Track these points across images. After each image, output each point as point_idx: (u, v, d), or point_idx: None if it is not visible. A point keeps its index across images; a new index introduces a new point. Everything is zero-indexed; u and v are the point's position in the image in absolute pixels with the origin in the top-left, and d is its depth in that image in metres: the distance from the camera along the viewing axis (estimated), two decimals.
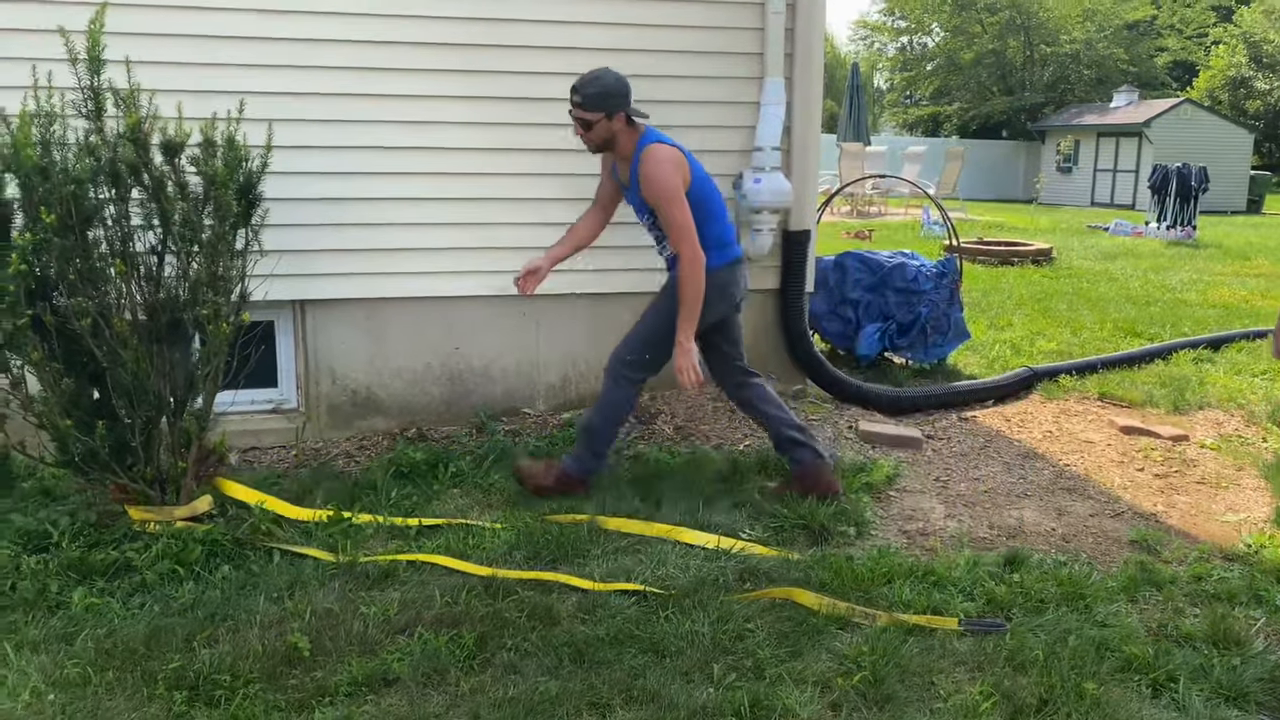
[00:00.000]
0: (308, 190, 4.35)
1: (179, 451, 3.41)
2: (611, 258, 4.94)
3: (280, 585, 3.14)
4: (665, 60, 4.83)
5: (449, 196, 4.67)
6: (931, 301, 5.84)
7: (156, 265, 3.33)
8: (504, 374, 4.97)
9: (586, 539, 3.54)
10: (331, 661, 2.73)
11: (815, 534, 3.65)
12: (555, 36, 4.68)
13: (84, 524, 3.35)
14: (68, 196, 3.02)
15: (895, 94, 42.75)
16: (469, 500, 3.98)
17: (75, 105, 3.13)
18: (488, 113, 4.66)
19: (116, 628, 2.85)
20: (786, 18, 4.85)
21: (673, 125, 4.84)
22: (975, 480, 4.36)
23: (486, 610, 3.00)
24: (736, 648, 2.83)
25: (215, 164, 3.25)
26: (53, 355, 3.13)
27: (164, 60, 3.95)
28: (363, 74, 4.45)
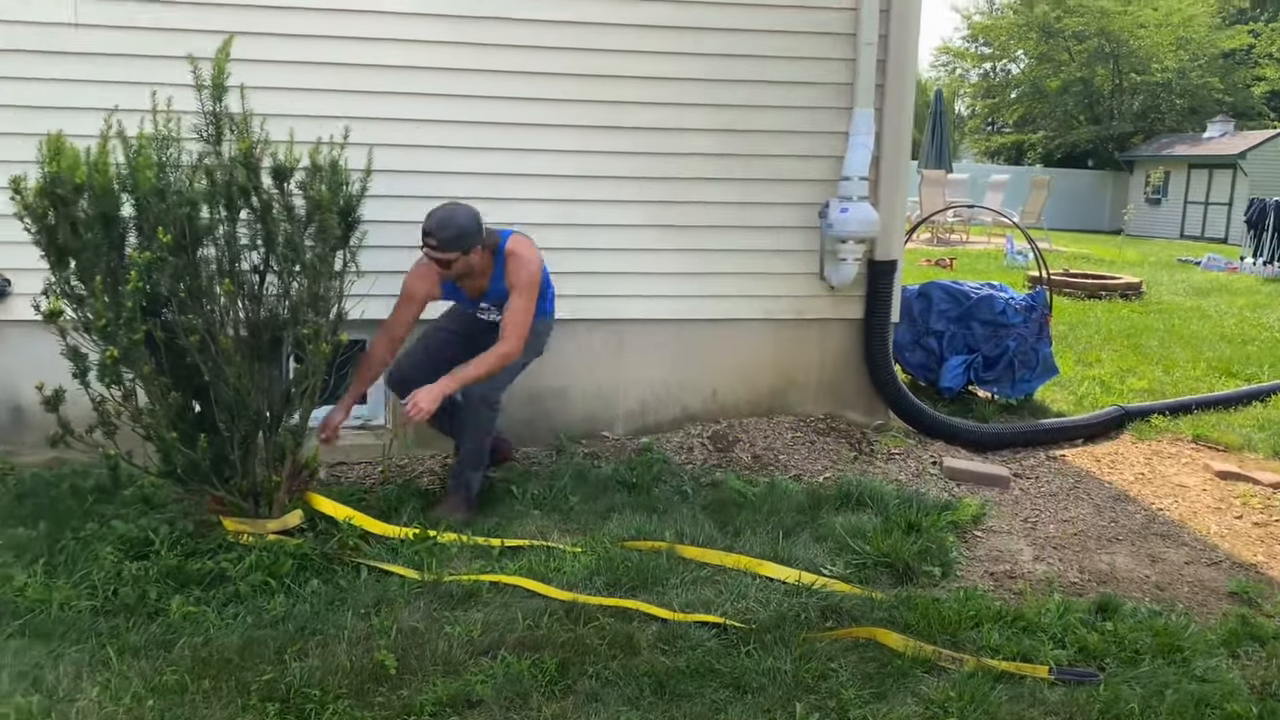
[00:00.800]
0: (403, 214, 4.43)
1: (273, 465, 3.50)
2: (691, 284, 4.97)
3: (367, 601, 3.19)
4: (756, 90, 4.86)
5: (539, 221, 4.73)
6: (1020, 335, 5.73)
7: (259, 284, 3.44)
8: (584, 397, 5.01)
9: (665, 568, 3.53)
10: (417, 680, 2.77)
11: (899, 573, 3.59)
12: (648, 67, 4.76)
13: (182, 533, 3.45)
14: (182, 217, 3.14)
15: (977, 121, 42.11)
16: (548, 522, 4.00)
17: (196, 130, 3.26)
18: (579, 140, 4.74)
19: (212, 637, 2.93)
20: (878, 49, 4.84)
21: (761, 154, 4.91)
22: (1065, 522, 4.25)
23: (568, 636, 3.01)
24: (819, 687, 2.80)
25: (320, 188, 3.35)
26: (161, 370, 3.24)
27: (277, 86, 4.10)
28: (459, 101, 4.57)
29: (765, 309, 5.08)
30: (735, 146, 4.89)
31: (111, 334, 3.07)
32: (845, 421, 5.20)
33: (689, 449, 4.88)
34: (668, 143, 4.83)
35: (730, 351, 5.12)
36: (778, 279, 5.07)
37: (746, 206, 4.98)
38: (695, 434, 5.03)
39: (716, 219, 4.97)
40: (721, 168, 4.92)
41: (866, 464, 4.79)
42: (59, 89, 4.19)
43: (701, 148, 4.87)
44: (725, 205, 4.97)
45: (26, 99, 4.19)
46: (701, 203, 4.93)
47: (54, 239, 3.16)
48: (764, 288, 5.06)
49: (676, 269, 4.97)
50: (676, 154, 4.86)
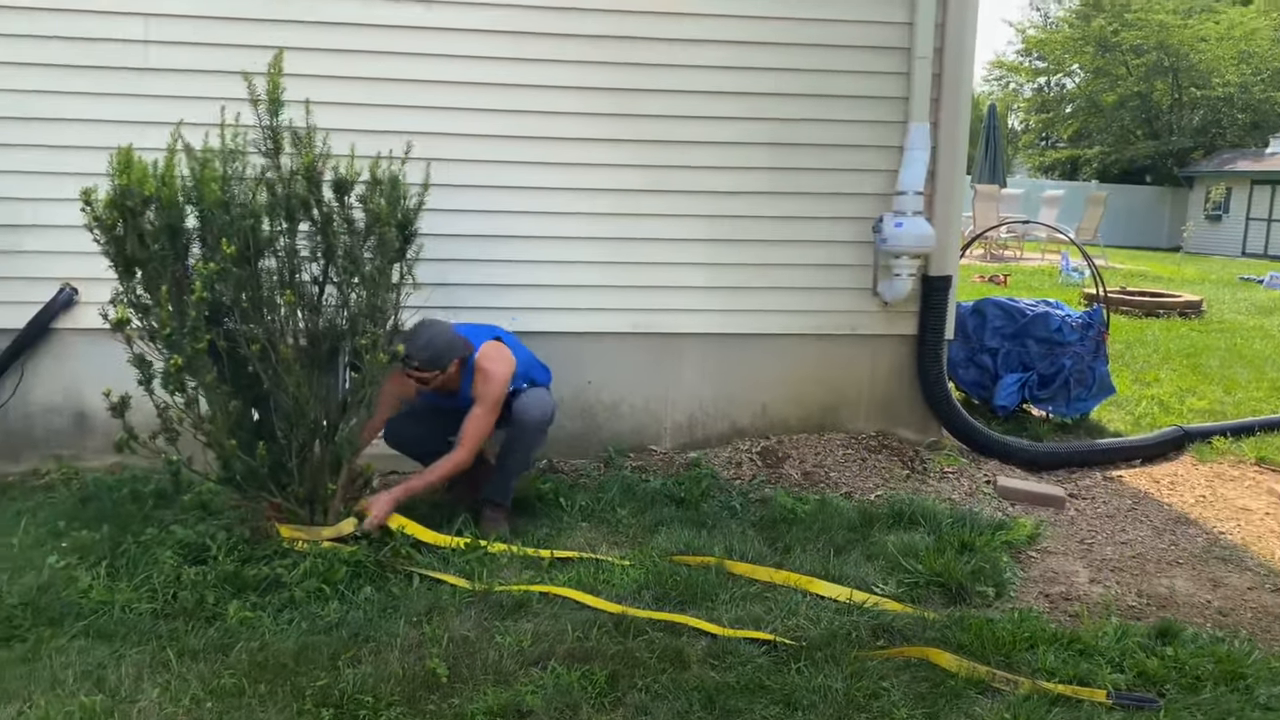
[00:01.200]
0: (457, 227, 4.51)
1: (329, 473, 3.55)
2: (742, 298, 4.97)
3: (419, 609, 3.22)
4: (810, 105, 4.86)
5: (590, 236, 4.79)
6: (1076, 353, 5.64)
7: (319, 295, 3.50)
8: (633, 411, 5.02)
9: (715, 583, 3.52)
10: (468, 689, 2.78)
11: (952, 593, 3.54)
12: (702, 81, 4.78)
13: (239, 539, 3.52)
14: (246, 229, 3.21)
15: (1031, 135, 41.60)
16: (597, 534, 4.01)
17: (255, 144, 3.33)
18: (633, 155, 4.77)
19: (268, 641, 2.97)
20: (933, 63, 4.81)
21: (814, 168, 4.90)
22: (1122, 544, 4.17)
23: (617, 648, 3.01)
24: (871, 706, 2.77)
25: (379, 201, 3.41)
26: (222, 378, 3.31)
27: (338, 101, 4.19)
28: (514, 116, 4.63)
29: (816, 324, 5.06)
30: (788, 161, 4.89)
31: (176, 342, 3.15)
32: (897, 439, 5.15)
33: (738, 464, 4.87)
34: (720, 157, 4.84)
35: (780, 367, 5.10)
36: (829, 294, 5.05)
37: (798, 221, 4.97)
38: (744, 449, 5.01)
39: (768, 234, 4.96)
40: (774, 182, 4.91)
41: (919, 482, 4.74)
42: (129, 104, 4.32)
43: (754, 162, 4.87)
44: (777, 220, 4.96)
45: (97, 114, 4.32)
46: (753, 217, 4.93)
47: (122, 249, 3.25)
48: (815, 303, 5.04)
49: (727, 283, 4.97)
50: (729, 168, 4.86)
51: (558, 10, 4.61)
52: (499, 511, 4.00)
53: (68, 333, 4.49)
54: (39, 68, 4.32)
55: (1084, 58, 36.11)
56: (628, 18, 4.68)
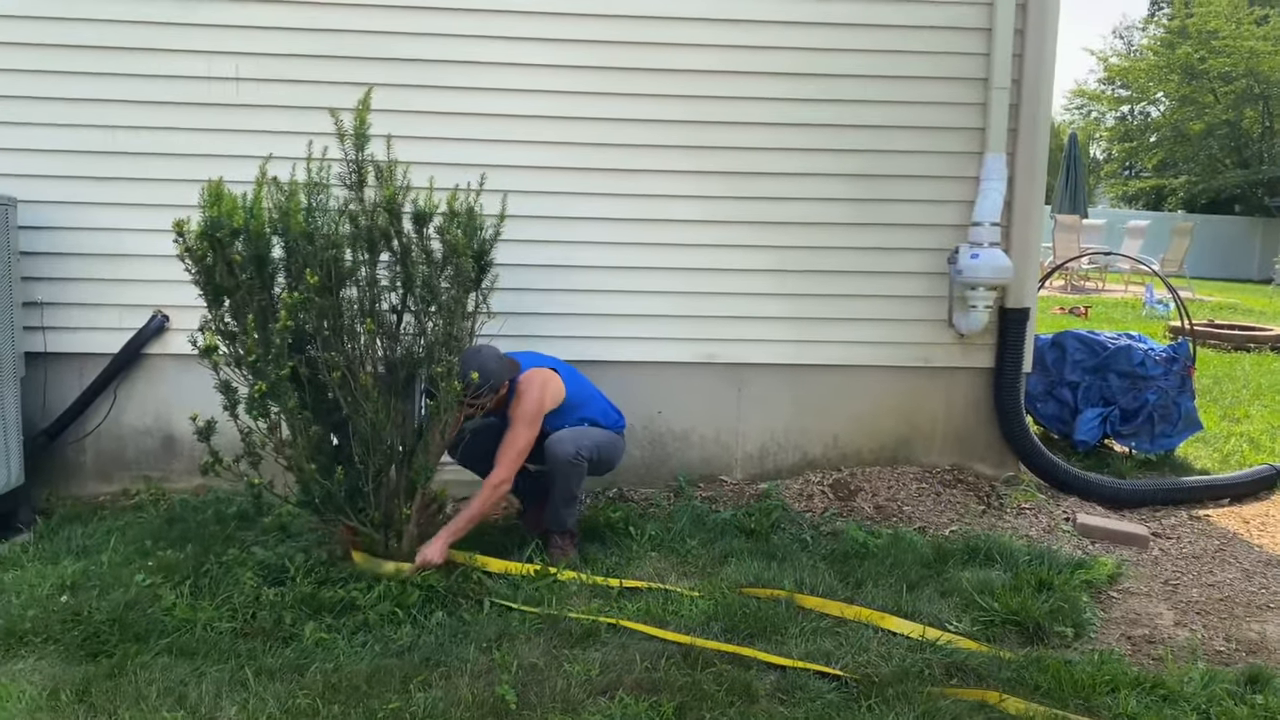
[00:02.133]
0: (531, 257, 4.59)
1: (404, 499, 3.61)
2: (814, 329, 4.94)
3: (489, 635, 3.25)
4: (885, 136, 4.85)
5: (662, 266, 4.82)
6: (1160, 388, 5.48)
7: (397, 324, 3.59)
8: (702, 441, 5.01)
9: (785, 616, 3.49)
10: (536, 716, 2.80)
11: (1029, 632, 3.45)
12: (773, 113, 4.80)
13: (316, 561, 3.60)
14: (329, 260, 3.31)
15: (1114, 165, 40.67)
16: (666, 564, 4.01)
17: (340, 177, 3.44)
18: (701, 187, 4.81)
19: (342, 663, 3.03)
20: (1011, 93, 4.76)
21: (888, 199, 4.87)
22: (1209, 586, 4.02)
23: (685, 680, 3.00)
24: None
25: (456, 233, 3.49)
26: (304, 404, 3.41)
27: (418, 135, 4.29)
28: (582, 149, 4.71)
29: (890, 356, 5.01)
30: (862, 192, 4.87)
31: (260, 369, 3.26)
32: (973, 473, 5.05)
33: (809, 496, 4.83)
34: (793, 188, 4.85)
35: (853, 398, 5.06)
36: (903, 325, 4.99)
37: (871, 251, 4.94)
38: (815, 481, 4.97)
39: (840, 264, 4.94)
40: (846, 213, 4.90)
41: (995, 518, 4.64)
42: (220, 139, 4.50)
43: (827, 193, 4.87)
44: (849, 250, 4.94)
45: (190, 148, 4.51)
46: (826, 248, 4.92)
47: (211, 278, 3.37)
48: (889, 334, 4.99)
49: (798, 314, 4.95)
50: (802, 199, 4.86)
51: (631, 45, 4.68)
52: (565, 539, 4.02)
53: (158, 358, 4.66)
54: (136, 104, 4.53)
55: (1169, 85, 35.26)
56: (702, 51, 4.73)
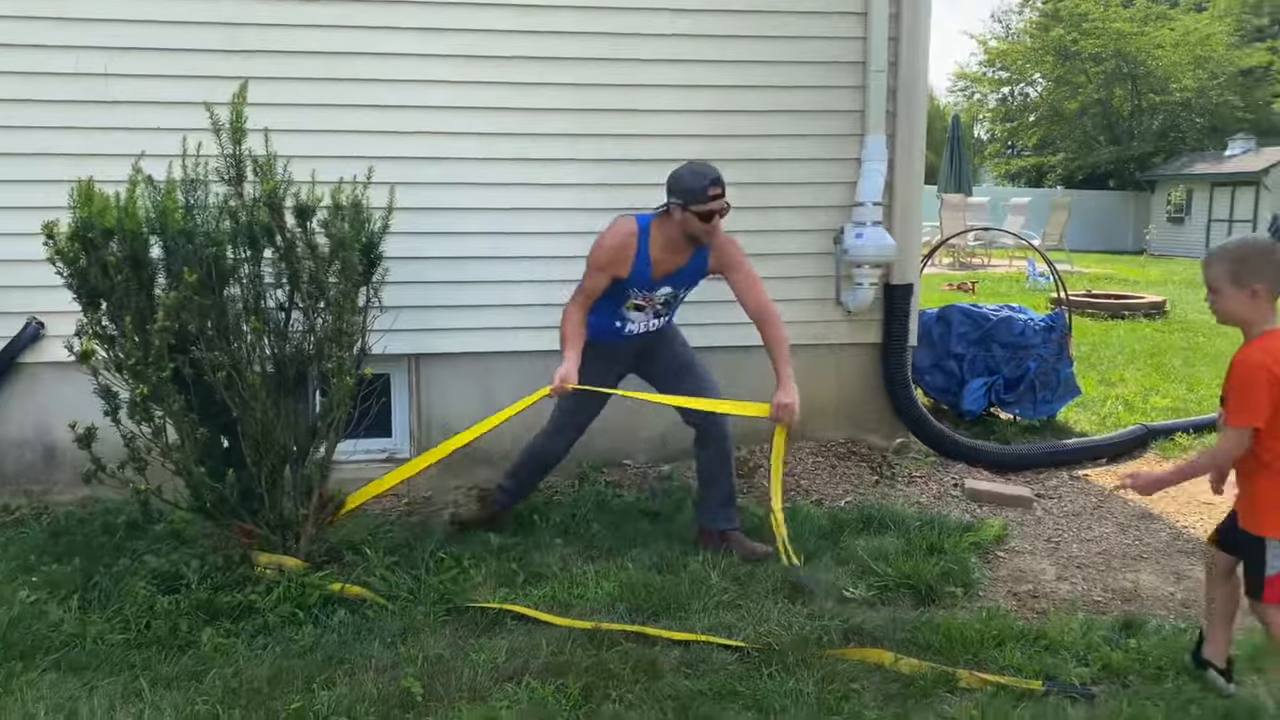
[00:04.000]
0: (425, 249, 4.55)
1: (300, 499, 3.56)
2: (710, 312, 5.00)
3: (393, 630, 3.23)
4: (768, 120, 4.94)
5: (559, 255, 4.81)
6: (1040, 356, 5.73)
7: (284, 321, 3.53)
8: (605, 426, 5.02)
9: (687, 593, 3.56)
10: (443, 707, 2.80)
11: (922, 594, 3.59)
12: (664, 100, 4.84)
13: (212, 567, 3.51)
14: (209, 258, 3.24)
15: (997, 145, 42.13)
16: (572, 549, 4.03)
17: (218, 172, 3.36)
18: (599, 174, 4.82)
19: (242, 668, 2.97)
20: (889, 76, 4.91)
21: (775, 182, 4.97)
22: (1088, 541, 4.24)
23: (591, 661, 3.04)
24: (842, 708, 2.80)
25: (342, 226, 3.44)
26: (189, 406, 3.33)
27: (298, 129, 4.21)
28: (477, 139, 4.68)
29: None
30: (750, 176, 4.95)
31: (141, 372, 3.16)
32: (866, 445, 5.21)
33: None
34: None
35: (750, 379, 5.12)
36: (795, 305, 5.09)
37: (762, 234, 5.02)
38: None
39: None
40: (736, 197, 4.91)
41: (888, 487, 4.80)
42: (91, 137, 4.33)
43: None
44: (740, 234, 4.97)
45: (59, 147, 4.33)
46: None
47: (85, 281, 3.26)
48: (781, 314, 5.08)
49: (696, 297, 5.00)
50: None
51: (518, 34, 4.67)
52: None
53: (35, 366, 4.48)
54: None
55: (1045, 67, 36.66)
56: (592, 39, 4.74)
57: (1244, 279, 2.74)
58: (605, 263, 3.77)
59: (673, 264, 3.85)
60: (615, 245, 3.76)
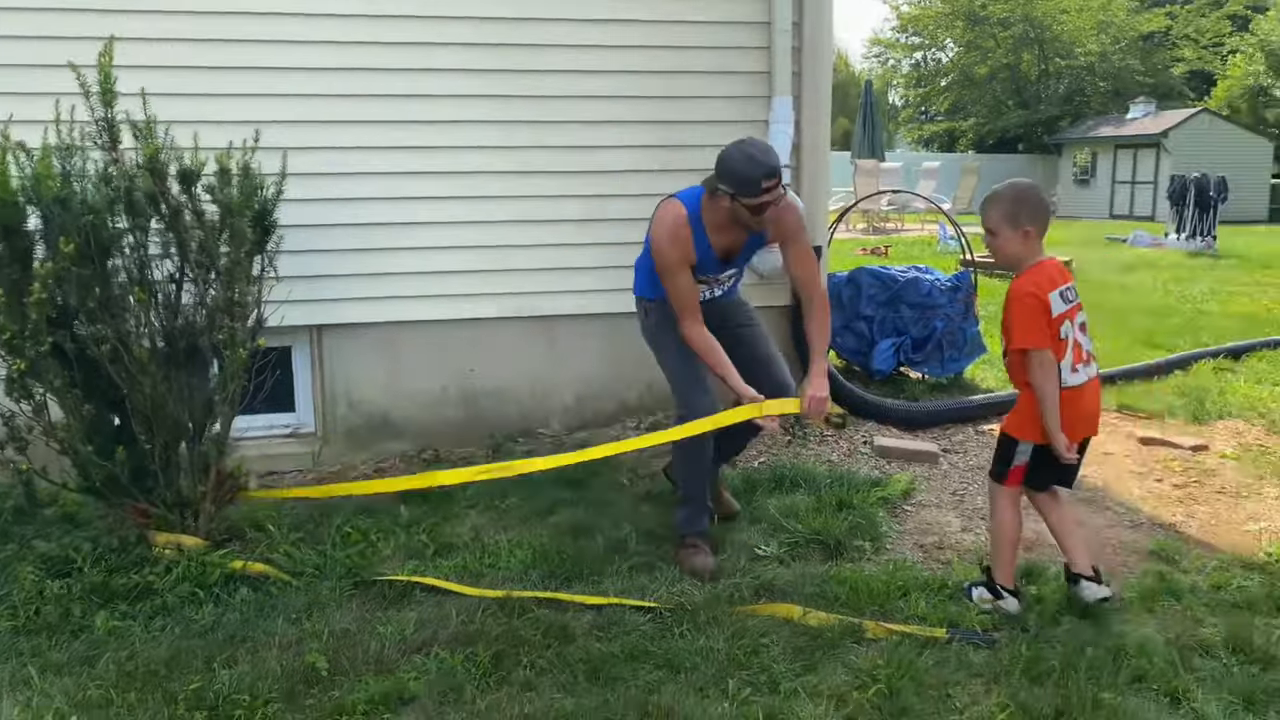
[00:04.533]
0: (324, 216, 4.42)
1: (198, 476, 3.45)
2: (623, 277, 4.96)
3: (298, 607, 3.17)
4: (674, 81, 4.90)
5: (467, 220, 4.73)
6: (946, 316, 5.83)
7: (174, 293, 3.40)
8: (518, 396, 5.00)
9: (601, 557, 3.55)
10: (349, 681, 2.75)
11: (831, 549, 3.64)
12: (569, 60, 4.75)
13: (106, 549, 3.40)
14: (86, 226, 3.09)
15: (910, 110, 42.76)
16: (485, 519, 4.00)
17: (91, 137, 3.21)
18: (504, 137, 4.73)
19: (138, 650, 2.89)
20: (793, 36, 4.90)
21: (683, 145, 4.93)
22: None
23: (502, 629, 3.02)
24: (751, 663, 2.83)
25: (230, 192, 3.32)
26: (73, 382, 3.19)
27: (181, 92, 4.03)
28: (378, 100, 4.53)
29: None
30: (661, 138, 4.91)
31: (18, 347, 3.02)
32: None
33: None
34: (596, 136, 4.84)
35: None
36: None
37: None
38: (632, 426, 5.05)
39: (644, 211, 4.94)
40: (649, 160, 4.93)
41: (800, 447, 4.85)
42: None
43: (629, 140, 4.88)
44: (654, 198, 4.95)
45: None
46: (631, 195, 4.92)
47: None
48: None
49: (607, 263, 4.96)
50: (605, 147, 4.86)
51: None
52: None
53: None
54: None
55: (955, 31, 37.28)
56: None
57: (1019, 221, 3.07)
58: (675, 261, 3.39)
59: (733, 242, 3.51)
60: (674, 240, 3.38)
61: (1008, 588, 3.19)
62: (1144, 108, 29.04)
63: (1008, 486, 3.25)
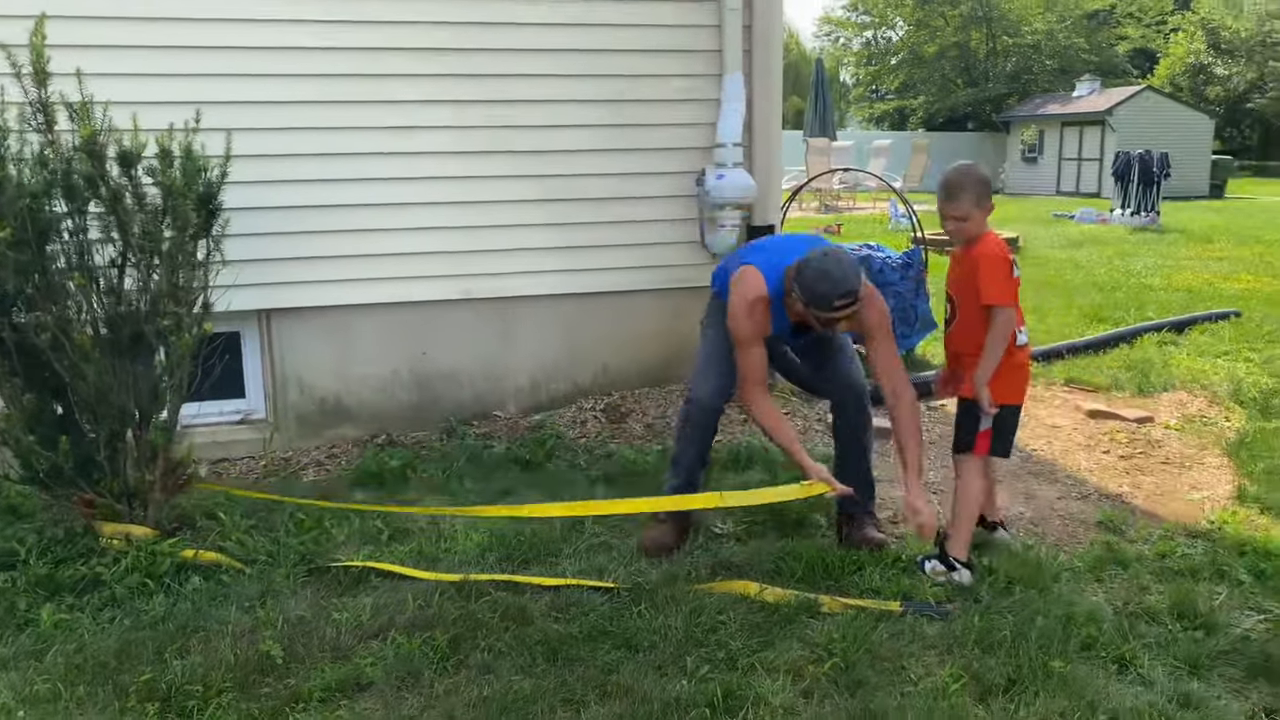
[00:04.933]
0: (272, 199, 4.34)
1: (146, 465, 3.38)
2: (576, 257, 4.97)
3: (251, 595, 3.13)
4: (626, 59, 4.88)
5: (419, 201, 4.67)
6: (897, 293, 5.89)
7: (117, 278, 3.31)
8: (472, 378, 4.97)
9: (558, 538, 3.55)
10: (304, 668, 2.73)
11: (787, 526, 3.67)
12: (524, 39, 4.70)
13: (51, 541, 3.32)
14: (22, 210, 2.99)
15: (861, 89, 43.01)
16: (442, 503, 3.96)
17: (26, 119, 3.11)
18: (459, 117, 4.67)
19: (86, 643, 2.83)
20: (744, 14, 4.89)
21: (637, 124, 4.92)
22: (945, 467, 4.39)
23: (459, 612, 3.00)
24: (709, 640, 2.85)
25: (173, 174, 3.24)
26: (13, 371, 3.10)
27: (120, 72, 3.93)
28: (326, 80, 4.45)
29: (649, 280, 5.11)
30: (614, 117, 4.89)
31: None
32: None
33: (582, 423, 4.90)
34: (549, 115, 4.80)
35: (618, 324, 5.14)
36: (660, 249, 5.10)
37: (626, 178, 4.99)
38: (588, 408, 5.05)
39: (599, 191, 4.97)
40: (602, 139, 4.91)
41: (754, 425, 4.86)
42: None
43: (582, 119, 4.85)
44: (607, 177, 4.97)
45: None
46: (584, 175, 4.92)
47: None
48: (647, 258, 5.09)
49: (561, 243, 4.96)
50: (558, 126, 4.83)
51: None
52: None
53: None
54: None
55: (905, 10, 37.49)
56: None
57: (983, 202, 3.23)
58: (749, 335, 3.37)
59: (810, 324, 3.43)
60: (750, 315, 3.35)
61: (961, 560, 3.24)
62: (1089, 85, 29.46)
63: (976, 455, 3.34)
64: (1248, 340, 6.74)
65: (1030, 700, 2.55)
